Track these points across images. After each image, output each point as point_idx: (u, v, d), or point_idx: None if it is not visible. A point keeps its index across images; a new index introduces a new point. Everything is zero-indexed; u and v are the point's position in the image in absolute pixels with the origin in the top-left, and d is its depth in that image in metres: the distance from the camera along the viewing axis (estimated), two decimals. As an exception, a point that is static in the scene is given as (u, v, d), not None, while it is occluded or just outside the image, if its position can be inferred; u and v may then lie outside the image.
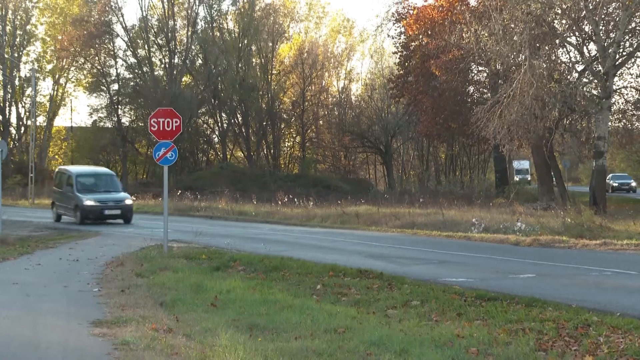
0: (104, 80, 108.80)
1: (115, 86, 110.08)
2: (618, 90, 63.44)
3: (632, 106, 65.68)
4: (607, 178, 77.98)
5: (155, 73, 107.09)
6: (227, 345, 13.79)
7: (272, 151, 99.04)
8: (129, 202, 51.40)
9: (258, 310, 17.74)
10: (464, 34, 62.15)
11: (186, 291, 21.11)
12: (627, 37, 57.85)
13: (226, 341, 14.14)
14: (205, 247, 34.14)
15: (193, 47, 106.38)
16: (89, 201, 48.98)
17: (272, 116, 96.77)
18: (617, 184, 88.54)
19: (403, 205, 61.60)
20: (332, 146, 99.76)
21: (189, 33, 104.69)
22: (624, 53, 58.58)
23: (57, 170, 62.00)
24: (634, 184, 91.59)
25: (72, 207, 50.18)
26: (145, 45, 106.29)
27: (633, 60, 61.83)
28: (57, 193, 55.16)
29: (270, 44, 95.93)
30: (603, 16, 55.95)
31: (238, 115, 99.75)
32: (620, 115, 66.18)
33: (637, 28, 58.95)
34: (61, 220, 53.28)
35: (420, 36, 78.64)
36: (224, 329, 15.37)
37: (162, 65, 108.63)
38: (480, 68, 73.62)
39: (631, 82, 65.46)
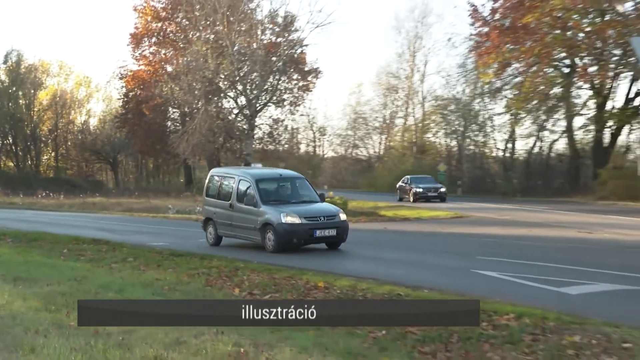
0: None
1: None
2: (258, 126, 65.49)
3: (267, 136, 68.37)
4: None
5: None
6: (-3, 291, 13.43)
7: (34, 162, 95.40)
8: (343, 217, 23.12)
9: (21, 268, 16.96)
10: (163, 88, 63.37)
11: (-34, 257, 20.00)
12: (263, 94, 59.61)
13: (-4, 288, 13.77)
14: (-18, 227, 31.86)
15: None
16: (290, 217, 21.62)
17: (35, 139, 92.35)
18: None
19: (125, 197, 61.38)
20: (77, 159, 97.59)
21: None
22: (261, 104, 60.89)
23: (210, 174, 27.07)
24: None
25: (254, 227, 22.41)
26: None
27: (266, 108, 64.26)
28: (215, 206, 24.66)
29: (33, 91, 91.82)
30: (249, 80, 58.22)
31: (9, 138, 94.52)
32: (260, 141, 68.51)
33: (269, 89, 60.79)
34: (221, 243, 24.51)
35: (136, 89, 77.65)
36: (-5, 281, 14.86)
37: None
38: (174, 110, 73.89)
39: (266, 121, 68.24)
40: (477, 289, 14.14)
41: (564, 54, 51.58)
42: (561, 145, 58.58)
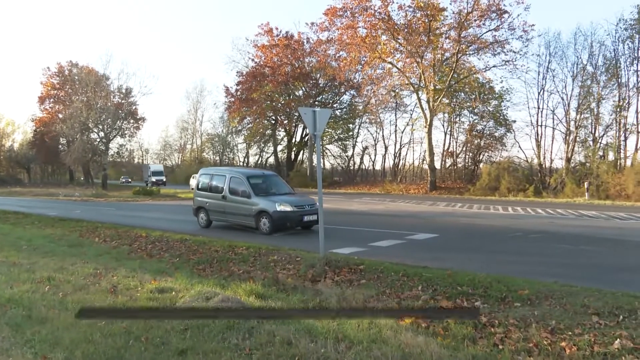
0: None
1: None
2: (111, 148, 59.12)
3: (116, 154, 62.69)
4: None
5: None
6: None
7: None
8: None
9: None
10: (57, 127, 57.00)
11: None
12: (113, 131, 54.22)
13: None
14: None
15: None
16: (282, 206, 13.61)
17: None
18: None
19: (34, 187, 54.86)
20: (7, 166, 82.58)
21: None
22: (113, 136, 55.27)
23: (200, 173, 16.27)
24: (129, 179, 70.65)
25: (249, 214, 14.09)
26: None
27: (115, 138, 58.51)
28: (207, 198, 15.34)
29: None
30: (106, 123, 53.22)
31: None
32: (112, 157, 62.72)
33: (117, 128, 55.47)
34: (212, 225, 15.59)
35: (41, 127, 68.75)
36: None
37: None
38: (63, 139, 64.15)
39: (116, 145, 61.53)
40: (235, 237, 14.02)
41: (272, 114, 52.66)
42: (272, 159, 59.33)
